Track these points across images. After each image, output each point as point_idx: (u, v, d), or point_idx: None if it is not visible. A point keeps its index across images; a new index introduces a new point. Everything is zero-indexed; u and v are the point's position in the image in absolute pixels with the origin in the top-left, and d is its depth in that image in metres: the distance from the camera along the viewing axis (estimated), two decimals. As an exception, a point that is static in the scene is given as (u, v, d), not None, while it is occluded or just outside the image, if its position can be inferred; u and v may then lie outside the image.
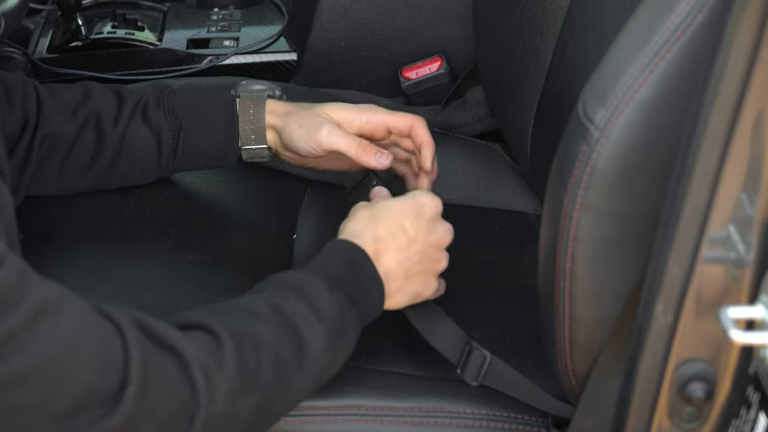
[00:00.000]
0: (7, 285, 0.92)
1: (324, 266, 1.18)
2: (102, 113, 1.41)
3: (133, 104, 1.42)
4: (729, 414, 1.04)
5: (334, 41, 1.70)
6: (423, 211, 1.24)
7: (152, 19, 1.93)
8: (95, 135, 1.41)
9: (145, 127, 1.41)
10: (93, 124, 1.41)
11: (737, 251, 0.98)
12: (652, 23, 1.05)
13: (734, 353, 1.02)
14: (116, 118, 1.41)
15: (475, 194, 1.62)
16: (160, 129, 1.41)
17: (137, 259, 1.40)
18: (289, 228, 1.52)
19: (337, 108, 1.40)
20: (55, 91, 1.42)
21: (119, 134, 1.41)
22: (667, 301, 1.01)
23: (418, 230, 1.23)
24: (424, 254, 1.24)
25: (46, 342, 0.94)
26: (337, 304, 1.15)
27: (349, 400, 1.21)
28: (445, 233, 1.27)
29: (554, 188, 1.11)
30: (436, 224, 1.26)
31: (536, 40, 1.47)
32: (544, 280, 1.15)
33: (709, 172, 0.97)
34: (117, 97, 1.43)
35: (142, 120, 1.41)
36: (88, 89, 1.44)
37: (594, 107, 1.07)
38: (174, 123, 1.42)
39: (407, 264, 1.23)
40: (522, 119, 1.52)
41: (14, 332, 0.92)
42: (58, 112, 1.40)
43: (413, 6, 1.69)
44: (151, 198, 1.49)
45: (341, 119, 1.39)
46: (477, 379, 1.24)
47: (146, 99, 1.43)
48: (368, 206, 1.26)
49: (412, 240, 1.23)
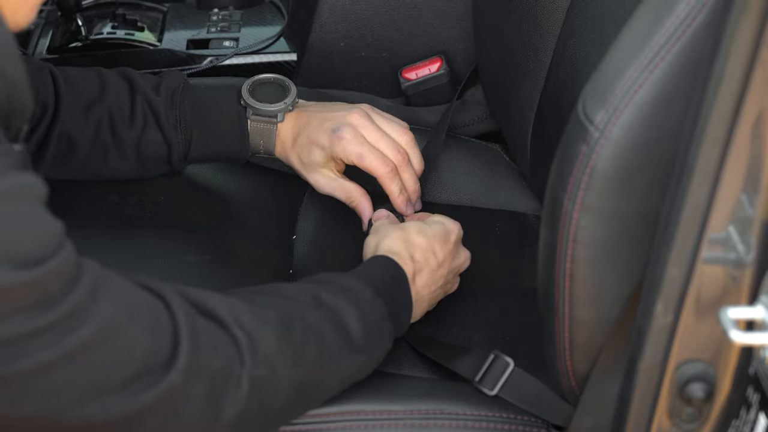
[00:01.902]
0: (70, 263, 0.97)
1: (369, 276, 1.23)
2: (116, 113, 1.43)
3: (144, 106, 1.43)
4: (729, 414, 1.04)
5: (334, 42, 1.69)
6: (450, 237, 1.32)
7: (152, 19, 1.93)
8: (110, 136, 1.43)
9: (158, 133, 1.44)
10: (107, 125, 1.43)
11: (737, 252, 0.98)
12: (651, 24, 1.05)
13: (734, 354, 1.02)
14: (131, 120, 1.43)
15: (475, 195, 1.61)
16: (170, 140, 1.44)
17: (137, 260, 1.40)
18: (289, 228, 1.52)
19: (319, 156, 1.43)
20: (71, 83, 1.43)
21: (134, 138, 1.43)
22: (667, 301, 1.01)
23: (447, 254, 1.30)
24: (446, 278, 1.31)
25: (108, 309, 0.99)
26: (379, 309, 1.19)
27: (348, 406, 1.21)
28: (465, 259, 1.35)
29: (554, 189, 1.11)
30: (459, 250, 1.33)
31: (536, 41, 1.47)
32: (544, 281, 1.15)
33: (709, 172, 0.97)
34: (130, 92, 1.44)
35: (155, 125, 1.43)
36: (103, 80, 1.44)
37: (594, 108, 1.07)
38: (185, 137, 1.44)
39: (434, 288, 1.30)
40: (522, 120, 1.52)
41: (80, 305, 0.96)
42: (74, 107, 1.42)
43: (413, 7, 1.69)
44: (151, 198, 1.49)
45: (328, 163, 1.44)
46: (494, 389, 1.23)
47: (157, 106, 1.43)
48: (399, 226, 1.31)
49: (441, 264, 1.29)
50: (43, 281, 0.93)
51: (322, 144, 1.42)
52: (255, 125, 1.45)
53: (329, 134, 1.42)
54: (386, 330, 1.21)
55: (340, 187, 1.44)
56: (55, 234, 0.96)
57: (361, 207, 1.44)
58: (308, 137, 1.43)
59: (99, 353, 0.98)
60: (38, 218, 0.95)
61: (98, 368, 0.99)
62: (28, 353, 0.94)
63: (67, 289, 0.96)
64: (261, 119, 1.44)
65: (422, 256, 1.28)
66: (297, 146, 1.44)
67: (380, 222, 1.35)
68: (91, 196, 1.47)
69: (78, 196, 1.47)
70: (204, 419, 1.06)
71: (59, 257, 0.95)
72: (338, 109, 1.44)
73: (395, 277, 1.25)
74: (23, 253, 0.92)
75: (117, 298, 1.01)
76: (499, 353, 1.24)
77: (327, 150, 1.42)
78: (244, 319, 1.09)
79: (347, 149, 1.41)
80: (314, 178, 1.45)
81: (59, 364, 0.96)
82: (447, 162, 1.62)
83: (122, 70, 1.47)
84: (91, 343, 0.98)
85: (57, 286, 0.95)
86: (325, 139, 1.42)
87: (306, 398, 1.17)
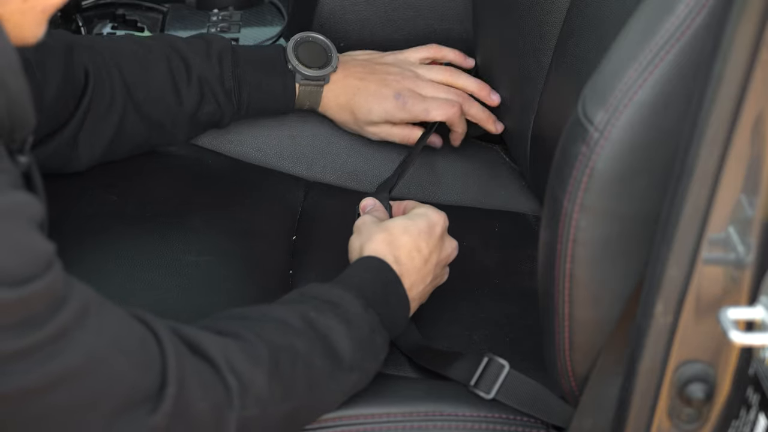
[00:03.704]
0: (58, 284, 0.96)
1: (358, 284, 1.22)
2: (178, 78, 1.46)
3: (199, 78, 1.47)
4: (729, 415, 1.04)
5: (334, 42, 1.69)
6: (435, 230, 1.30)
7: (152, 20, 1.93)
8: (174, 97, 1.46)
9: (213, 103, 1.48)
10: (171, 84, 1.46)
11: (737, 252, 0.98)
12: (651, 24, 1.05)
13: (734, 354, 1.02)
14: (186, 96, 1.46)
15: (475, 195, 1.61)
16: (224, 108, 1.49)
17: (137, 260, 1.40)
18: (289, 229, 1.52)
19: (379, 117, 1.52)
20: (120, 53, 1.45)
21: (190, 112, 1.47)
22: (666, 302, 1.01)
23: (432, 249, 1.29)
24: (434, 273, 1.30)
25: (94, 339, 0.98)
26: (369, 322, 1.18)
27: (347, 410, 1.20)
28: (452, 250, 1.33)
29: (554, 189, 1.11)
30: (445, 241, 1.32)
31: (536, 41, 1.47)
32: (544, 281, 1.15)
33: (709, 173, 0.97)
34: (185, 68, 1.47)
35: (211, 97, 1.47)
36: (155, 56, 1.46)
37: (593, 108, 1.06)
38: (237, 101, 1.49)
39: (422, 285, 1.28)
40: (522, 120, 1.52)
41: (66, 328, 0.95)
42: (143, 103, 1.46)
43: (413, 7, 1.69)
44: (151, 198, 1.49)
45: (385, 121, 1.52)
46: (491, 392, 1.23)
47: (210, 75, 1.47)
48: (382, 227, 1.29)
49: (427, 260, 1.28)
50: (30, 300, 0.92)
51: (384, 108, 1.51)
52: (303, 88, 1.51)
53: (391, 101, 1.51)
54: (379, 340, 1.19)
55: (391, 136, 1.54)
56: (44, 254, 0.95)
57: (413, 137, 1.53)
58: (367, 100, 1.51)
59: (82, 383, 0.97)
60: (28, 238, 0.94)
61: (80, 399, 0.97)
62: (8, 374, 0.92)
63: (54, 310, 0.94)
64: (309, 83, 1.51)
65: (407, 257, 1.26)
66: (352, 105, 1.52)
67: (363, 221, 1.33)
68: (91, 196, 1.47)
69: (78, 196, 1.47)
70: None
71: (47, 277, 0.94)
72: (391, 72, 1.54)
73: (387, 281, 1.24)
74: (11, 272, 0.91)
75: (107, 328, 0.99)
76: (493, 356, 1.23)
77: (390, 113, 1.51)
78: (236, 362, 1.07)
79: (413, 110, 1.52)
80: (371, 131, 1.53)
81: (40, 390, 0.94)
82: (447, 162, 1.62)
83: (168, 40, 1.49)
84: (75, 372, 0.96)
85: (43, 307, 0.94)
86: (389, 104, 1.51)
87: (299, 424, 1.16)
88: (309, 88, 1.51)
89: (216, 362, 1.06)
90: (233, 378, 1.06)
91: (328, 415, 1.19)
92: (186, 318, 1.31)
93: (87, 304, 0.98)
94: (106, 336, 0.99)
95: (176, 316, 1.32)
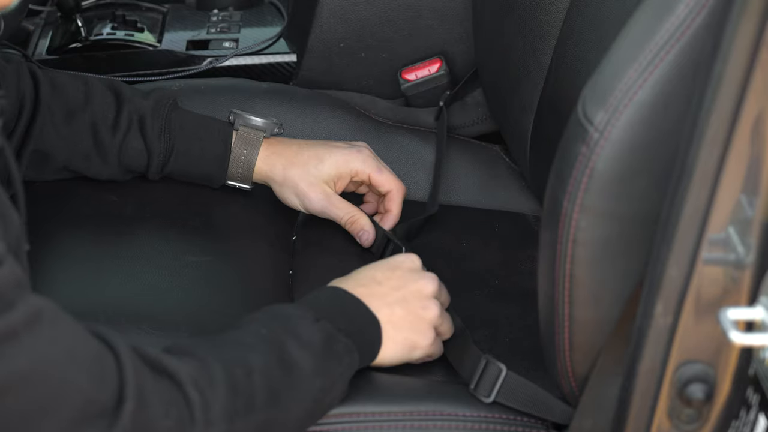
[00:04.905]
0: (5, 284, 0.93)
1: (311, 300, 1.22)
2: (100, 121, 1.44)
3: (131, 113, 1.44)
4: (728, 415, 1.04)
5: (334, 43, 1.70)
6: (398, 266, 1.27)
7: (152, 20, 1.92)
8: (93, 144, 1.43)
9: (141, 141, 1.45)
10: (90, 132, 1.43)
11: (737, 253, 0.98)
12: (651, 25, 1.05)
13: (734, 355, 1.02)
14: (114, 126, 1.44)
15: (475, 196, 1.61)
16: (152, 148, 1.45)
17: (137, 261, 1.40)
18: (289, 229, 1.52)
19: (330, 171, 1.45)
20: (56, 86, 1.44)
21: (117, 144, 1.44)
22: (666, 302, 1.01)
23: (393, 279, 1.25)
24: (405, 302, 1.24)
25: (46, 345, 0.96)
26: (321, 332, 1.16)
27: (346, 408, 1.20)
28: (425, 282, 1.26)
29: (554, 189, 1.11)
30: (414, 274, 1.27)
31: (536, 42, 1.47)
32: (544, 282, 1.15)
33: (709, 173, 0.97)
34: (116, 100, 1.45)
35: (139, 133, 1.44)
36: (89, 88, 1.45)
37: (593, 109, 1.06)
38: (167, 146, 1.45)
39: (388, 310, 1.23)
40: (521, 121, 1.52)
41: (14, 330, 0.93)
42: (56, 111, 1.42)
43: (413, 8, 1.69)
44: (150, 199, 1.49)
45: (335, 181, 1.46)
46: (490, 395, 1.22)
47: (143, 112, 1.45)
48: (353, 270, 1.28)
49: (389, 289, 1.24)
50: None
51: (337, 155, 1.45)
52: (238, 145, 1.46)
53: (347, 147, 1.46)
54: (340, 347, 1.17)
55: (332, 213, 1.46)
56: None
57: (362, 224, 1.45)
58: (317, 152, 1.46)
59: (31, 390, 0.95)
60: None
61: (29, 406, 0.96)
62: None
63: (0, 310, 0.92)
64: (249, 131, 1.46)
65: (356, 283, 1.24)
66: (300, 160, 1.45)
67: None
68: (90, 196, 1.47)
69: (77, 196, 1.47)
70: None
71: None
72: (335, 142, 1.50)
73: (341, 296, 1.22)
74: None
75: (60, 338, 0.98)
76: (491, 358, 1.22)
77: (341, 162, 1.45)
78: (198, 379, 1.06)
79: (367, 161, 1.46)
80: (307, 207, 1.46)
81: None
82: (447, 163, 1.62)
83: (110, 82, 1.48)
84: (23, 377, 0.94)
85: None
86: (343, 151, 1.46)
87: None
88: (248, 136, 1.46)
89: (178, 378, 1.04)
90: (196, 394, 1.05)
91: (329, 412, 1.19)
92: (186, 318, 1.32)
93: (39, 311, 0.96)
94: (58, 345, 0.97)
95: (176, 316, 1.32)
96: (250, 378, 1.10)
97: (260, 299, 1.35)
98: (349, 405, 1.20)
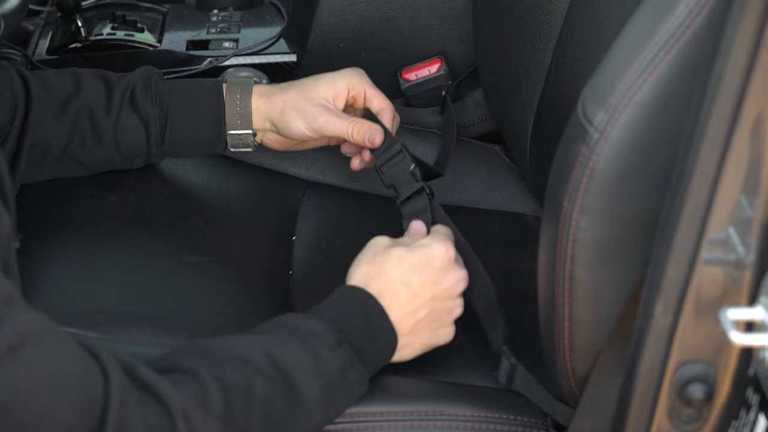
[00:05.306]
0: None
1: (337, 319, 1.17)
2: (93, 105, 1.43)
3: (122, 92, 1.44)
4: (728, 415, 1.04)
5: (334, 43, 1.69)
6: (432, 263, 1.23)
7: (152, 20, 1.92)
8: (90, 127, 1.42)
9: (134, 115, 1.43)
10: (86, 116, 1.42)
11: (737, 253, 0.98)
12: (651, 25, 1.05)
13: (734, 355, 1.02)
14: (108, 107, 1.43)
15: (475, 196, 1.61)
16: (147, 117, 1.43)
17: (137, 261, 1.40)
18: (289, 229, 1.52)
19: (327, 87, 1.44)
20: (46, 83, 1.43)
21: (112, 125, 1.43)
22: (666, 302, 1.01)
23: (424, 283, 1.22)
24: (431, 307, 1.22)
25: (27, 373, 0.93)
26: (340, 360, 1.14)
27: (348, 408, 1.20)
28: (456, 281, 1.24)
29: (554, 190, 1.11)
30: (447, 273, 1.24)
31: (536, 42, 1.47)
32: (544, 282, 1.15)
33: (709, 173, 0.97)
34: (106, 85, 1.44)
35: (130, 108, 1.43)
36: (78, 78, 1.45)
37: (593, 109, 1.06)
38: (161, 111, 1.43)
39: (412, 320, 1.21)
40: (521, 121, 1.52)
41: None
42: (48, 106, 1.41)
43: (413, 8, 1.69)
44: (150, 199, 1.49)
45: (333, 97, 1.44)
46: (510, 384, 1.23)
47: (134, 85, 1.44)
48: (378, 256, 1.23)
49: (416, 294, 1.21)
50: None
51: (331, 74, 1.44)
52: (231, 89, 1.44)
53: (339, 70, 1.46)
54: (353, 378, 1.15)
55: (338, 125, 1.42)
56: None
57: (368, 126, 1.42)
58: (310, 78, 1.45)
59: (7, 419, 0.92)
60: None
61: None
62: None
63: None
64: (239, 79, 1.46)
65: (391, 291, 1.20)
66: (296, 85, 1.44)
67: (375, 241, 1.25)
68: (90, 196, 1.47)
69: (77, 196, 1.47)
70: None
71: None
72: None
73: (369, 315, 1.18)
74: None
75: (45, 362, 0.94)
76: (506, 349, 1.24)
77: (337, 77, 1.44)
78: (190, 408, 1.02)
79: (361, 76, 1.45)
80: (313, 126, 1.42)
81: None
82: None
83: (98, 71, 1.47)
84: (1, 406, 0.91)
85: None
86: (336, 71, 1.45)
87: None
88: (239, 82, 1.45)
89: (169, 408, 1.01)
90: (185, 427, 1.01)
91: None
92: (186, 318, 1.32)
93: (26, 333, 0.92)
94: (41, 371, 0.93)
95: (176, 316, 1.32)
96: (249, 405, 1.07)
97: (260, 299, 1.35)
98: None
